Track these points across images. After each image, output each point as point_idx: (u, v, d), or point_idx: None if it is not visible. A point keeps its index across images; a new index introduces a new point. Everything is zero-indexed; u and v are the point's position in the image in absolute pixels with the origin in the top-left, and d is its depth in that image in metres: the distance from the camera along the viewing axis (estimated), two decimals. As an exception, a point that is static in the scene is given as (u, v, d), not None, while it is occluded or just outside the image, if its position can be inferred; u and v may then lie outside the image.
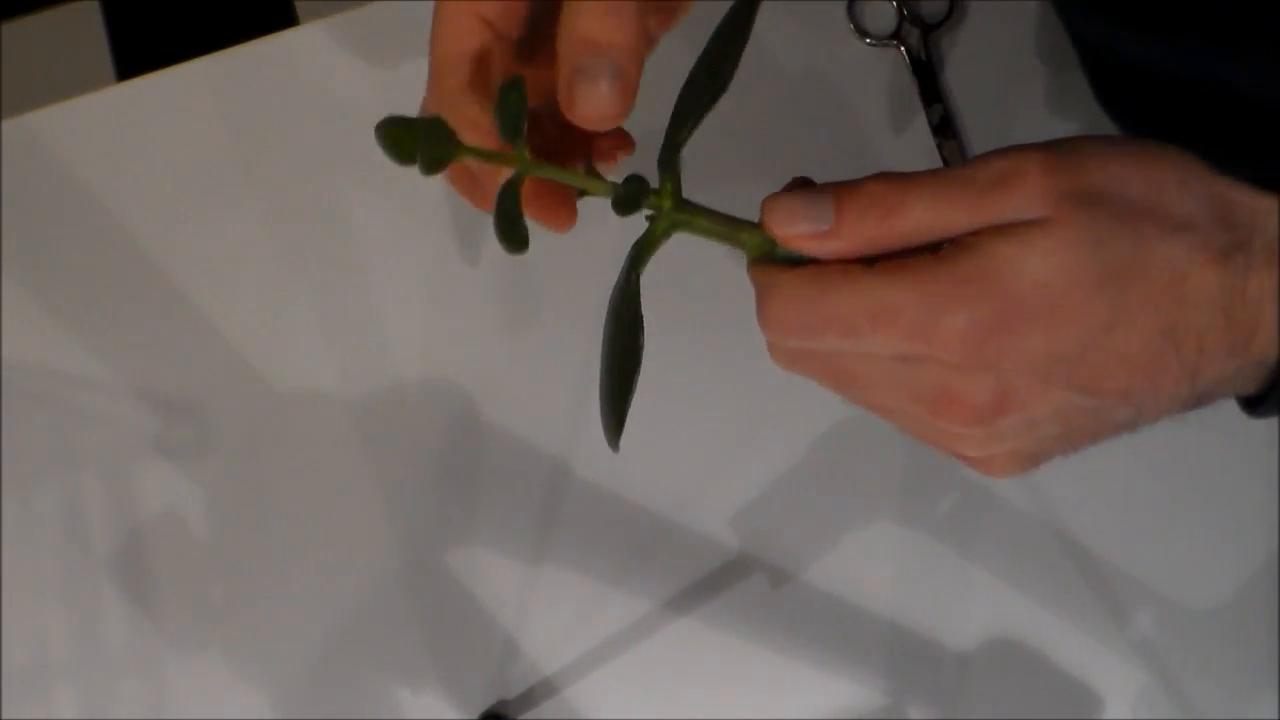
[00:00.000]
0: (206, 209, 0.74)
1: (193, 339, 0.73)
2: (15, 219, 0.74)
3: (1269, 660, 0.68)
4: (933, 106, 0.73)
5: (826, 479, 0.71)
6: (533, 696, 0.69)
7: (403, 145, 0.36)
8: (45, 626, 0.71)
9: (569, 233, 0.41)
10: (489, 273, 0.74)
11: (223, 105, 0.75)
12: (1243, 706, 0.68)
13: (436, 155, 0.36)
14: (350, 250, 0.74)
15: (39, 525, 0.72)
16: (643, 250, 0.39)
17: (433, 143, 0.36)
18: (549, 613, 0.70)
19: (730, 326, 0.71)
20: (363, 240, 0.74)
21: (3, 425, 0.72)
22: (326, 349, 0.73)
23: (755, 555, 0.70)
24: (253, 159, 0.75)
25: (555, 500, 0.71)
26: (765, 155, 0.73)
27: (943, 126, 0.73)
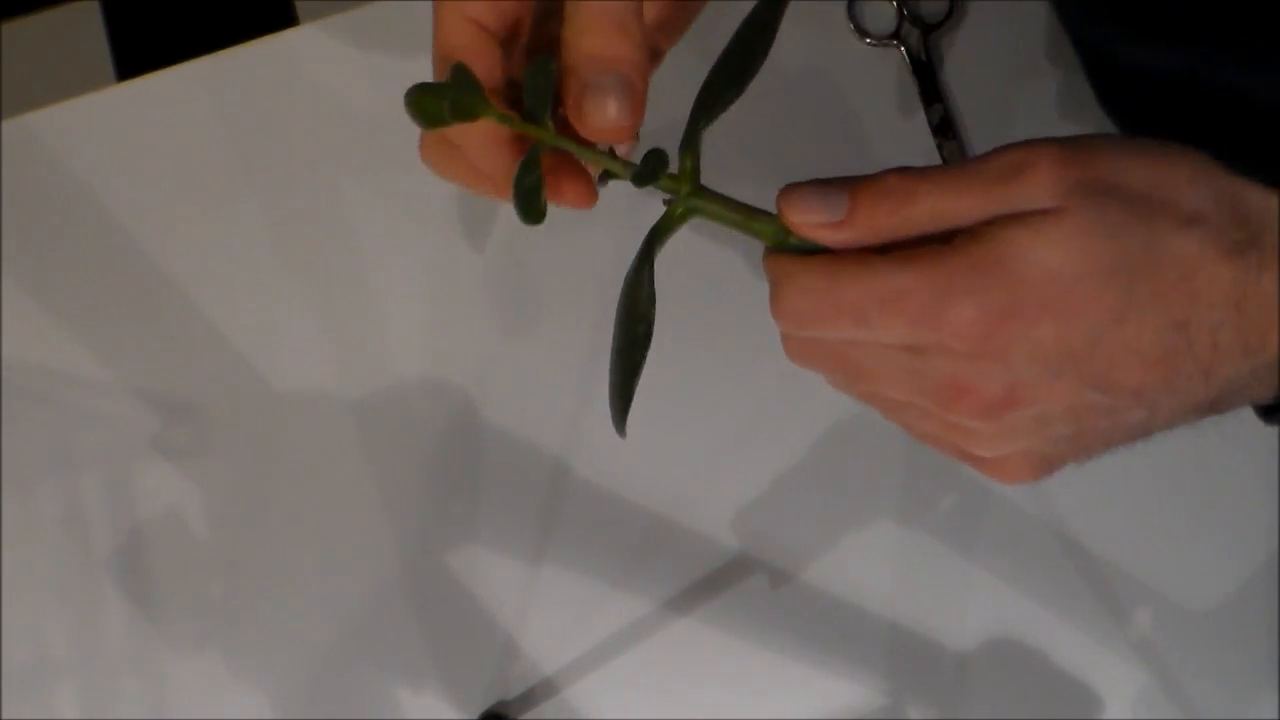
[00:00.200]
0: (206, 209, 0.74)
1: (193, 339, 0.73)
2: (15, 219, 0.74)
3: (1269, 660, 0.68)
4: (933, 106, 0.73)
5: (826, 479, 0.71)
6: (533, 696, 0.69)
7: (430, 109, 0.37)
8: (45, 626, 0.71)
9: (591, 208, 0.41)
10: (489, 273, 0.74)
11: (223, 105, 0.75)
12: (1243, 706, 0.68)
13: (467, 105, 0.37)
14: (350, 250, 0.74)
15: (39, 525, 0.72)
16: (659, 233, 0.39)
17: (462, 90, 0.37)
18: (549, 613, 0.70)
19: (731, 327, 0.71)
20: (363, 240, 0.74)
21: (3, 425, 0.72)
22: (326, 349, 0.73)
23: (755, 555, 0.70)
24: (253, 159, 0.75)
25: (555, 500, 0.71)
26: (765, 155, 0.73)
27: (943, 126, 0.73)
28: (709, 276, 0.71)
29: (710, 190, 0.39)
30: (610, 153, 0.39)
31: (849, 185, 0.36)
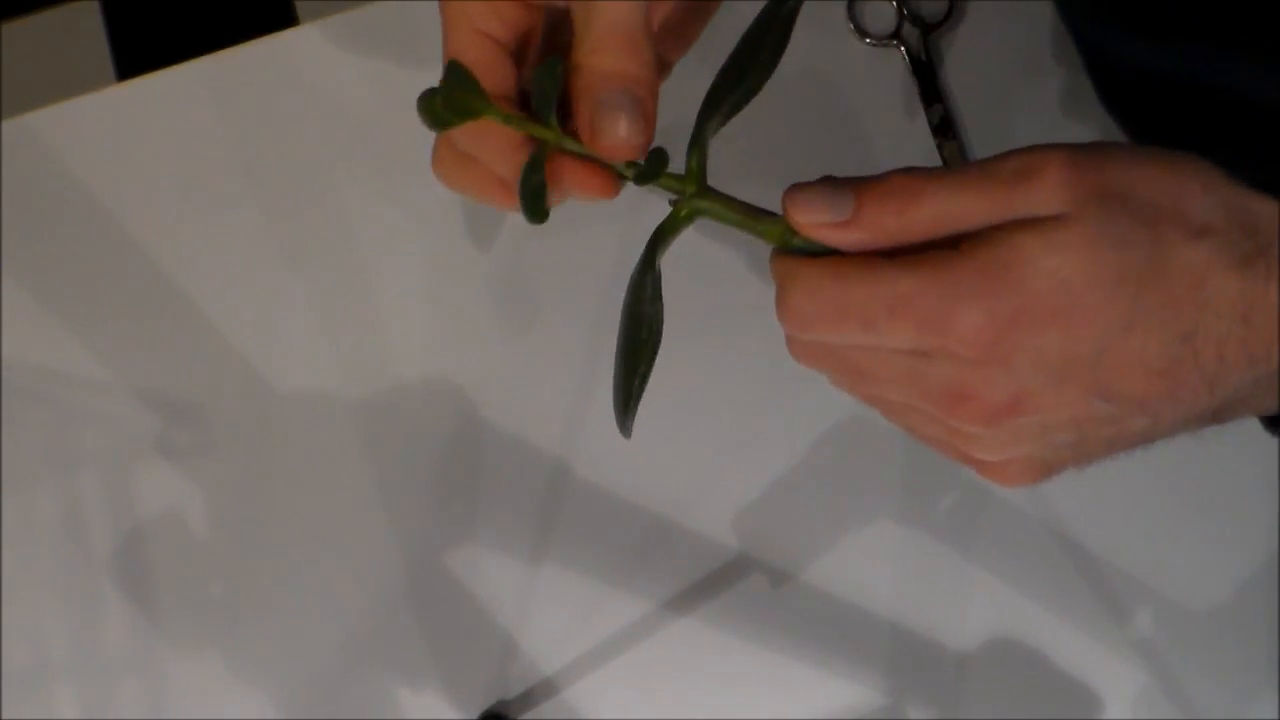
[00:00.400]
0: (206, 209, 0.74)
1: (193, 339, 0.73)
2: (15, 219, 0.74)
3: (1269, 660, 0.68)
4: (933, 106, 0.73)
5: (826, 479, 0.71)
6: (533, 696, 0.69)
7: (437, 111, 0.37)
8: (45, 626, 0.71)
9: (613, 198, 0.41)
10: (489, 273, 0.74)
11: (223, 105, 0.75)
12: (1243, 706, 0.68)
13: (463, 102, 0.37)
14: (350, 250, 0.74)
15: (39, 525, 0.72)
16: (664, 234, 0.39)
17: (458, 87, 0.37)
18: (549, 613, 0.70)
19: (731, 327, 0.71)
20: (363, 240, 0.74)
21: (3, 425, 0.72)
22: (326, 349, 0.73)
23: (755, 555, 0.70)
24: (253, 159, 0.75)
25: (555, 500, 0.71)
26: (765, 155, 0.72)
27: (943, 127, 0.73)
28: (710, 276, 0.71)
29: (716, 191, 0.39)
30: None
31: (855, 185, 0.36)
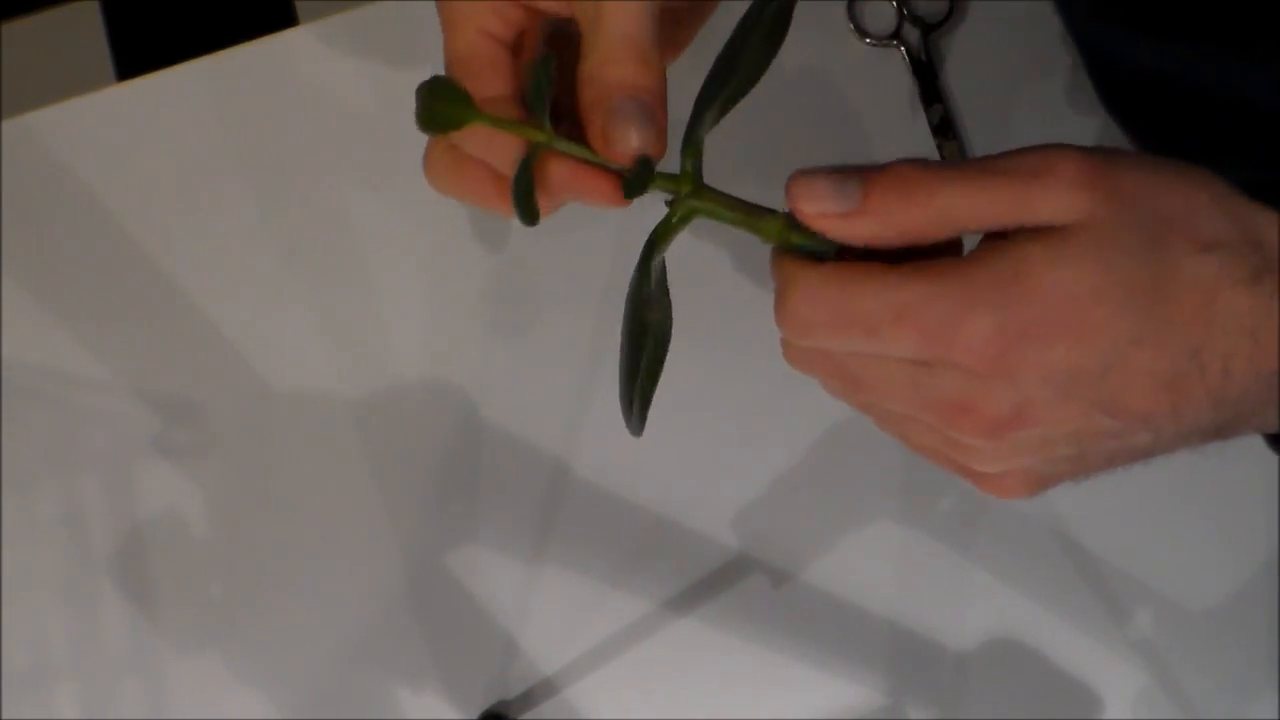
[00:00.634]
0: (206, 209, 0.74)
1: (193, 339, 0.73)
2: (15, 219, 0.74)
3: (1269, 660, 0.68)
4: (933, 107, 0.73)
5: (826, 479, 0.71)
6: (533, 696, 0.69)
7: (424, 119, 0.37)
8: (45, 626, 0.71)
9: (626, 206, 0.41)
10: (489, 273, 0.74)
11: (223, 105, 0.75)
12: (1243, 706, 0.68)
13: (446, 115, 0.37)
14: (350, 250, 0.74)
15: (39, 525, 0.72)
16: (660, 236, 0.38)
17: (443, 100, 0.37)
18: (549, 613, 0.70)
19: (731, 327, 0.71)
20: (363, 240, 0.74)
21: (3, 425, 0.72)
22: (326, 349, 0.73)
23: (755, 555, 0.70)
24: (252, 159, 0.75)
25: (555, 500, 0.71)
26: (765, 155, 0.72)
27: (943, 127, 0.73)
28: (711, 276, 0.71)
29: (712, 189, 0.38)
30: None
31: (863, 173, 0.35)
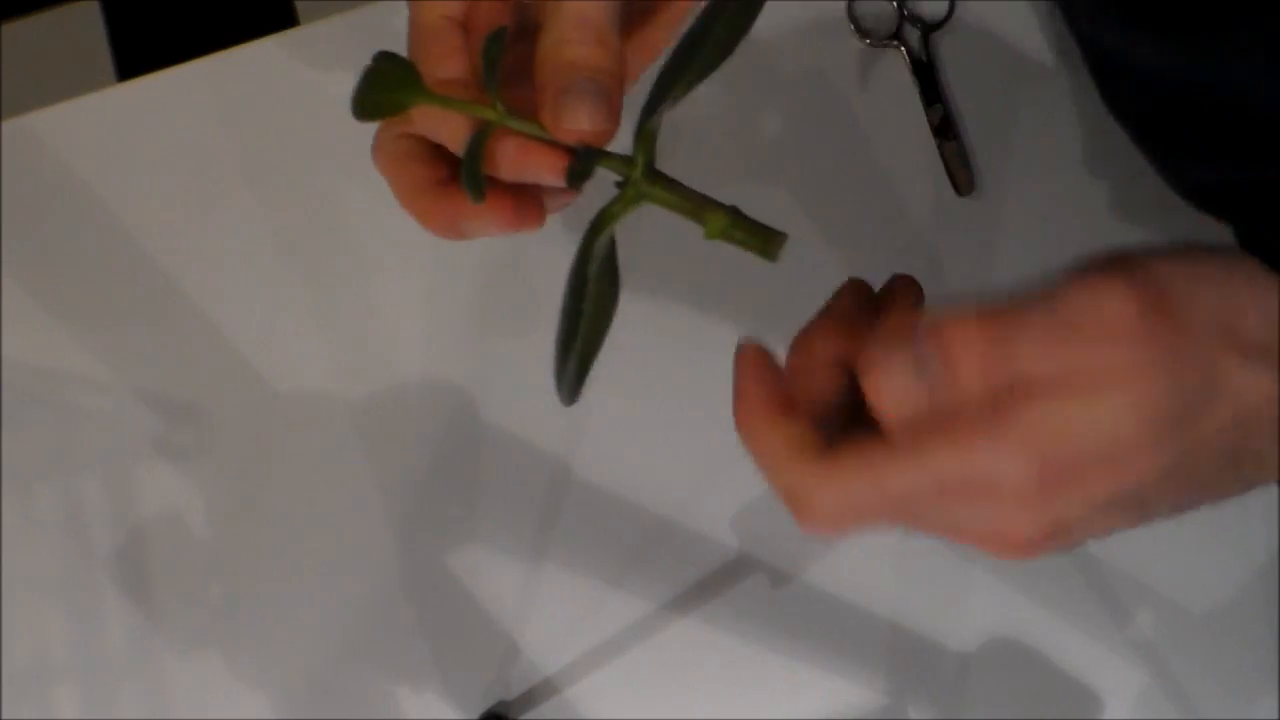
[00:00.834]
0: (206, 209, 0.74)
1: (193, 339, 0.73)
2: (15, 219, 0.74)
3: (1269, 660, 0.68)
4: (933, 107, 0.73)
5: (826, 479, 0.71)
6: (533, 696, 0.69)
7: (364, 105, 0.36)
8: (45, 626, 0.71)
9: (537, 230, 0.40)
10: (488, 273, 0.74)
11: (223, 105, 0.75)
12: (1243, 707, 0.68)
13: (386, 102, 0.37)
14: (350, 250, 0.74)
15: (39, 525, 0.72)
16: (604, 219, 0.38)
17: (384, 86, 0.36)
18: (549, 613, 0.70)
19: (730, 326, 0.71)
20: (362, 240, 0.74)
21: (3, 425, 0.72)
22: (326, 349, 0.73)
23: (755, 555, 0.70)
24: (252, 159, 0.75)
25: (555, 500, 0.71)
26: (764, 155, 0.72)
27: (943, 127, 0.73)
28: (711, 275, 0.71)
29: (665, 176, 0.37)
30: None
31: (939, 344, 0.33)
